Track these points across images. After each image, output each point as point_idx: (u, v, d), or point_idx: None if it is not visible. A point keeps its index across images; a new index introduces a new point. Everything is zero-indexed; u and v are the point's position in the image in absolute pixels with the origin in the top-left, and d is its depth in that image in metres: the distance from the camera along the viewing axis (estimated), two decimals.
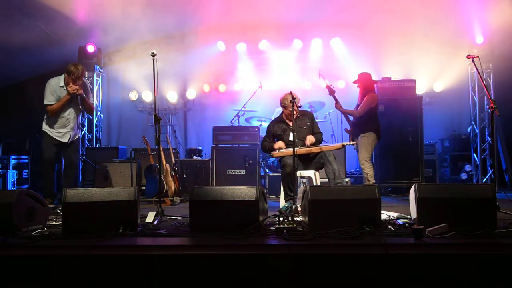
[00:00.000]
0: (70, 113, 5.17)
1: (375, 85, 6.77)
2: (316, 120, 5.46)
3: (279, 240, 3.06)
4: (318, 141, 5.04)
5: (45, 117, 5.20)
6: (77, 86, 5.01)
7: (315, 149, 4.86)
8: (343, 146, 4.99)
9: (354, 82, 6.14)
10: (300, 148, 4.78)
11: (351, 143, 5.18)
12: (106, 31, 7.46)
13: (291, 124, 4.92)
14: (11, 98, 8.33)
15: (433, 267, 2.79)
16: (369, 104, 5.77)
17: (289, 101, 4.74)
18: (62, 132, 5.15)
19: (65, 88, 5.05)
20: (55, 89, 5.08)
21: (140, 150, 6.91)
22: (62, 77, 5.09)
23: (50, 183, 5.20)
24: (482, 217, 3.29)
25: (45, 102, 5.08)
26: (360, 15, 7.35)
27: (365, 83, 5.99)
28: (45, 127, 5.18)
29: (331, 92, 5.86)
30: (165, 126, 8.75)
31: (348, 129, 6.14)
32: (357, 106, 6.00)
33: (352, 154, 7.40)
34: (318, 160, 4.88)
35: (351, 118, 6.09)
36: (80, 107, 5.22)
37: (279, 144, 4.98)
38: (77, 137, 5.39)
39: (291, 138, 4.88)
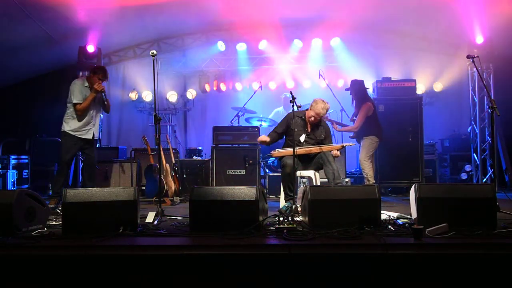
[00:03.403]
0: (93, 111, 5.40)
1: (376, 86, 6.82)
2: None
3: (279, 240, 3.06)
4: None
5: (68, 116, 5.30)
6: (103, 86, 5.34)
7: (314, 149, 4.86)
8: (343, 147, 4.98)
9: (347, 89, 6.18)
10: (299, 149, 4.78)
11: (351, 144, 5.18)
12: (106, 31, 7.45)
13: (309, 128, 4.98)
14: (11, 98, 8.33)
15: (433, 267, 2.79)
16: (365, 114, 5.84)
17: (321, 108, 4.84)
18: (86, 129, 5.33)
19: (89, 87, 5.31)
20: (81, 89, 5.31)
21: (140, 150, 6.90)
22: (84, 78, 5.45)
23: (63, 182, 5.33)
24: (482, 217, 3.29)
25: (75, 101, 5.24)
26: (360, 15, 7.35)
27: (358, 90, 6.02)
28: (66, 128, 5.28)
29: (325, 118, 5.95)
30: (165, 126, 8.75)
31: (352, 135, 6.18)
32: (354, 114, 6.05)
33: (352, 154, 7.41)
34: (317, 160, 4.88)
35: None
36: (105, 103, 5.47)
37: (261, 137, 4.99)
38: (96, 138, 5.58)
39: (301, 139, 4.91)
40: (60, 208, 4.22)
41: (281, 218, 3.42)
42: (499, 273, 2.77)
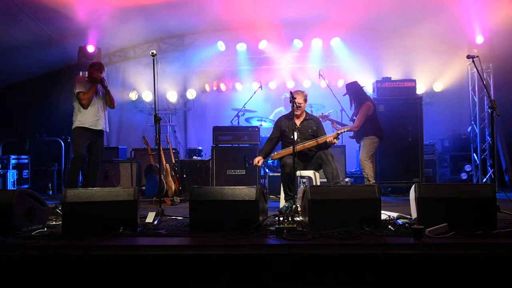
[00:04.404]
0: (99, 102, 5.43)
1: (376, 86, 6.81)
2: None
3: (279, 240, 3.06)
4: (326, 146, 4.96)
5: (75, 113, 5.34)
6: (102, 76, 5.40)
7: (312, 142, 4.85)
8: (338, 135, 4.92)
9: (344, 95, 6.18)
10: (297, 146, 4.74)
11: (345, 129, 5.16)
12: (106, 31, 7.46)
13: (297, 123, 4.96)
14: (11, 98, 8.34)
15: (433, 267, 2.79)
16: (366, 114, 5.83)
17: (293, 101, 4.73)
18: (95, 119, 5.36)
19: (89, 82, 5.37)
20: (83, 82, 5.38)
21: (140, 150, 6.91)
22: (85, 76, 5.55)
23: (76, 181, 5.34)
24: (482, 217, 3.29)
25: (77, 90, 5.28)
26: (360, 15, 7.35)
27: (355, 92, 6.01)
28: (76, 124, 5.30)
29: (324, 118, 5.94)
30: (165, 126, 8.76)
31: (352, 135, 6.18)
32: (354, 114, 6.05)
33: (352, 154, 7.42)
34: (316, 160, 4.87)
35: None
36: (106, 89, 5.48)
37: (256, 159, 4.98)
38: (107, 130, 5.62)
39: (294, 138, 4.86)
40: (60, 208, 4.21)
41: (281, 218, 3.42)
42: (499, 273, 2.77)
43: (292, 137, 4.52)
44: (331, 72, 8.28)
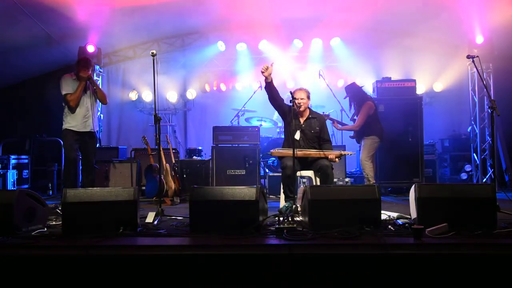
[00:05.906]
0: (87, 102, 5.26)
1: (376, 86, 6.81)
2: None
3: (279, 240, 3.06)
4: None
5: (65, 115, 5.23)
6: (89, 73, 5.24)
7: (314, 153, 4.82)
8: (341, 155, 4.88)
9: (345, 97, 6.18)
10: (299, 151, 4.71)
11: (351, 153, 5.13)
12: (106, 31, 7.46)
13: (301, 121, 4.92)
14: (11, 98, 8.33)
15: (433, 267, 2.79)
16: (367, 113, 5.83)
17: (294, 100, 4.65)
18: (84, 121, 5.20)
19: (77, 80, 5.22)
20: (70, 82, 5.23)
21: (140, 150, 6.91)
22: (72, 73, 5.32)
23: (72, 182, 5.18)
24: (482, 217, 3.29)
25: (64, 92, 5.17)
26: (360, 15, 7.35)
27: (355, 93, 6.01)
28: (65, 126, 5.19)
29: (325, 117, 5.93)
30: (165, 126, 8.75)
31: (352, 135, 6.18)
32: (355, 113, 6.05)
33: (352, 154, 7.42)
34: (316, 167, 4.82)
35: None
36: (94, 87, 5.31)
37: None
38: (96, 130, 5.45)
39: (296, 136, 4.82)
40: (60, 208, 4.21)
41: (281, 218, 3.42)
42: (499, 273, 2.77)
43: (296, 137, 4.50)
44: (331, 72, 8.28)
